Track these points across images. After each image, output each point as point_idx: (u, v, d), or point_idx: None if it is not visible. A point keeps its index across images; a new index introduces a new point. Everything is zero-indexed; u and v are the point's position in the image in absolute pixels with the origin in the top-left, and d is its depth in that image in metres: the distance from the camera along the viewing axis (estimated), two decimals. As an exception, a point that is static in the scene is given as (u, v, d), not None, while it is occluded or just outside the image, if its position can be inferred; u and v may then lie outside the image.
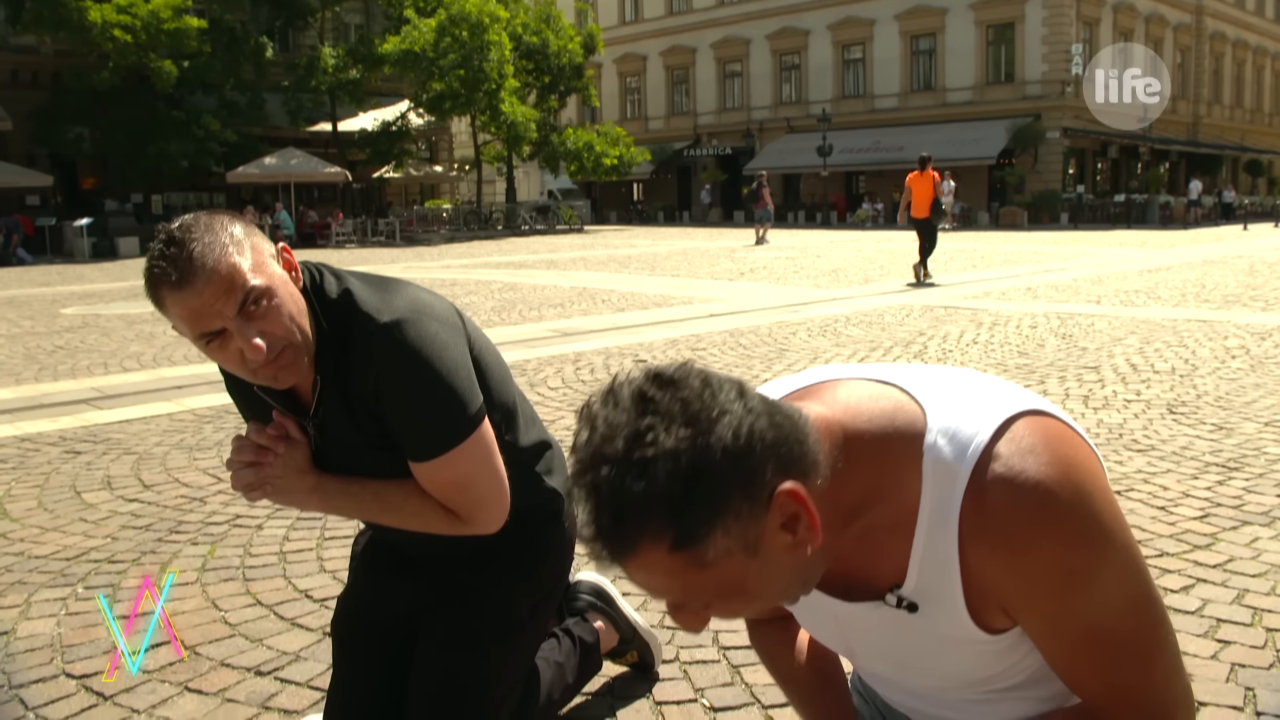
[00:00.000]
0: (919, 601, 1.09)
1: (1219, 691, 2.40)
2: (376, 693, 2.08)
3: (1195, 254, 19.10)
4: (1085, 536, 1.02)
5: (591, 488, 0.93)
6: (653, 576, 0.97)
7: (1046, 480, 1.02)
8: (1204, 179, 39.91)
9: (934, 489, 1.04)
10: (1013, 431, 1.05)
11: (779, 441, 0.96)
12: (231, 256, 1.64)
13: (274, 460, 1.82)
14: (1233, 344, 7.77)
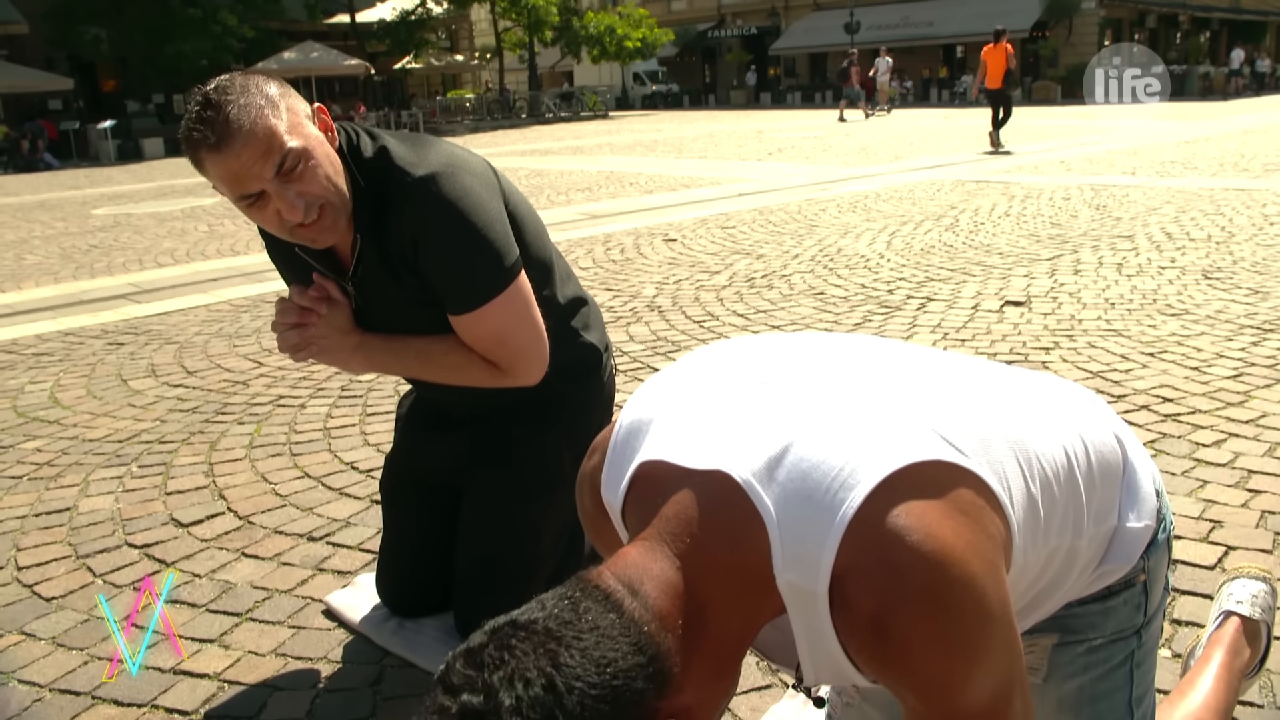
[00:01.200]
0: (823, 692, 1.04)
1: (1249, 536, 2.44)
2: (426, 546, 2.16)
3: (1235, 124, 18.59)
4: (964, 637, 0.93)
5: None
6: None
7: (906, 593, 0.90)
8: (1247, 48, 38.57)
9: (801, 613, 0.96)
10: (862, 523, 0.92)
11: (627, 704, 0.83)
12: (268, 119, 1.65)
13: (317, 321, 1.87)
14: (1271, 211, 7.63)
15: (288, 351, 1.90)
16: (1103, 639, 1.24)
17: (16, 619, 2.35)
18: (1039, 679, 1.25)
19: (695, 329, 4.82)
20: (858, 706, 1.47)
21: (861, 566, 0.91)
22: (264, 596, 2.39)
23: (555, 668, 0.80)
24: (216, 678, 2.06)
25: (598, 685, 0.81)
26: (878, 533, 0.91)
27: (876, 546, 0.91)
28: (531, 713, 0.77)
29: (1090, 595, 1.21)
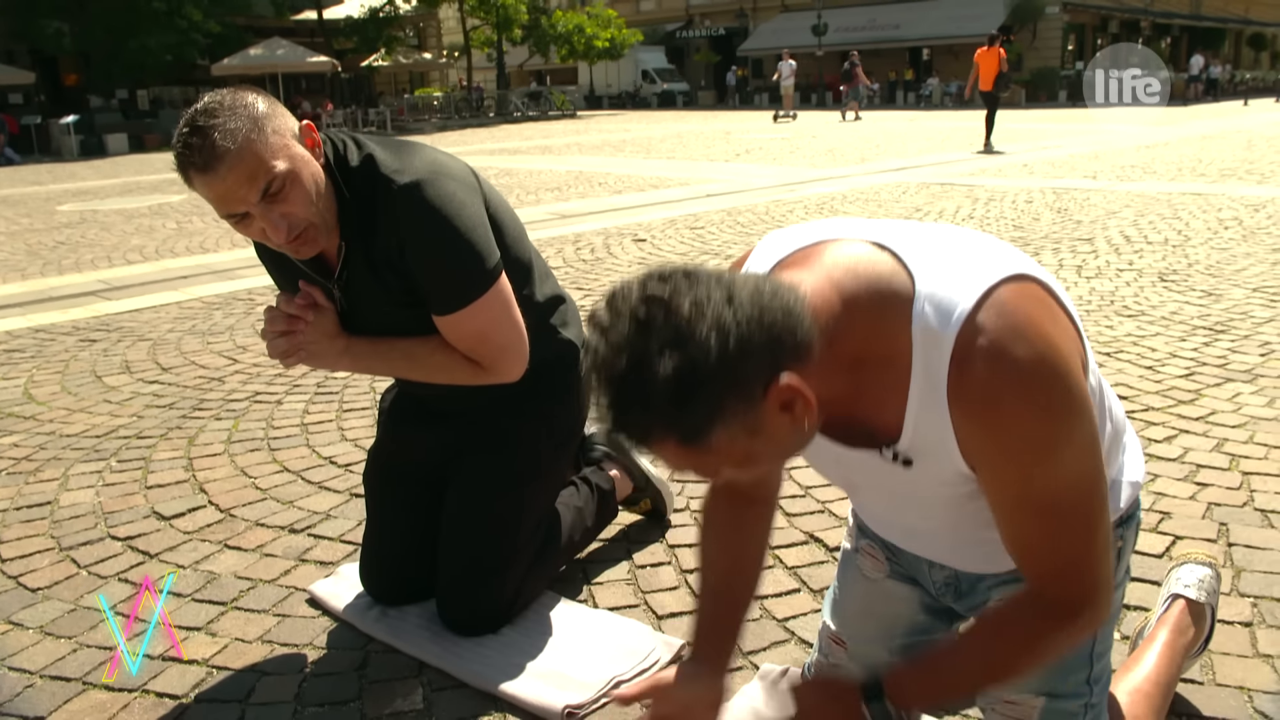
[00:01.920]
0: (914, 458, 1.17)
1: (1196, 527, 2.56)
2: (409, 536, 2.24)
3: (1194, 130, 18.95)
4: (1055, 410, 1.08)
5: (602, 396, 1.02)
6: (668, 459, 1.06)
7: (1023, 354, 1.07)
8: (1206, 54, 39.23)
9: (923, 354, 1.10)
10: (996, 300, 1.09)
11: (770, 341, 1.01)
12: (254, 145, 1.72)
13: (305, 327, 1.94)
14: (1226, 216, 7.84)
15: (278, 358, 1.97)
16: None
17: (3, 609, 2.39)
18: None
19: (666, 328, 4.90)
20: (845, 666, 1.57)
21: (986, 328, 1.08)
22: (248, 586, 2.45)
23: (729, 294, 1.01)
24: (205, 664, 2.12)
25: (756, 320, 1.01)
26: (1005, 313, 1.08)
27: (1002, 322, 1.08)
28: (703, 310, 0.99)
29: None
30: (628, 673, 1.96)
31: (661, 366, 0.98)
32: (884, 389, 1.14)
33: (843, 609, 1.63)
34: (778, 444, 1.09)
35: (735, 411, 1.02)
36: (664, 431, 1.02)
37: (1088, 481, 1.14)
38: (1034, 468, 1.10)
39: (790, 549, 2.51)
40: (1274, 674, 1.94)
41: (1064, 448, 1.10)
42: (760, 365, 1.01)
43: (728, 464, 1.08)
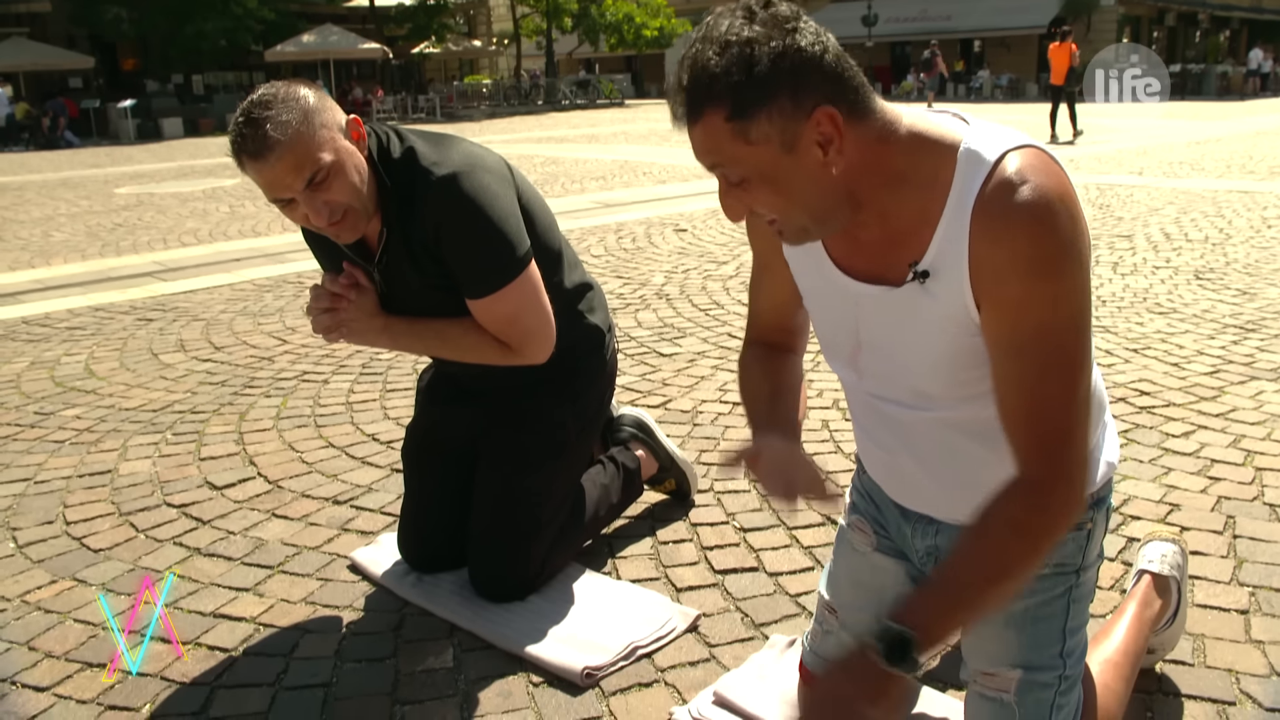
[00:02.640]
0: (931, 270, 1.31)
1: (1204, 519, 2.64)
2: (443, 507, 2.38)
3: (1247, 125, 18.67)
4: (1064, 238, 1.23)
5: (685, 57, 1.22)
6: (707, 139, 1.23)
7: (1046, 184, 1.23)
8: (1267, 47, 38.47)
9: (963, 175, 1.27)
10: (1036, 150, 1.27)
11: (837, 75, 1.22)
12: (303, 138, 1.87)
13: (347, 305, 2.09)
14: (1270, 214, 7.79)
15: (320, 333, 2.12)
16: (1049, 568, 1.49)
17: (69, 567, 2.57)
18: None
19: (701, 317, 5.02)
20: (836, 634, 1.68)
21: (1022, 163, 1.25)
22: (294, 552, 2.61)
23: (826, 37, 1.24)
24: (253, 621, 2.27)
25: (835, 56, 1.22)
26: (1041, 159, 1.26)
27: (1036, 162, 1.25)
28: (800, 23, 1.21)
29: None
30: (645, 639, 2.08)
31: (748, 31, 1.18)
32: (918, 207, 1.30)
33: (836, 580, 1.74)
34: (805, 180, 1.24)
35: (783, 109, 1.19)
36: (719, 100, 1.19)
37: (1079, 328, 1.28)
38: (1034, 285, 1.24)
39: (808, 529, 2.62)
40: (1264, 659, 2.02)
41: (1061, 278, 1.24)
42: (821, 84, 1.20)
43: (756, 169, 1.23)
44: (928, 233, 1.30)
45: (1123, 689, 1.68)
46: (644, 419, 2.71)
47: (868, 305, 1.41)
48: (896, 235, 1.34)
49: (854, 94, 1.24)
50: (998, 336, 1.29)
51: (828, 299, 1.47)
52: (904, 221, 1.32)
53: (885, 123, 1.28)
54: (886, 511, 1.68)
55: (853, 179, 1.27)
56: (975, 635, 1.55)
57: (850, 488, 1.79)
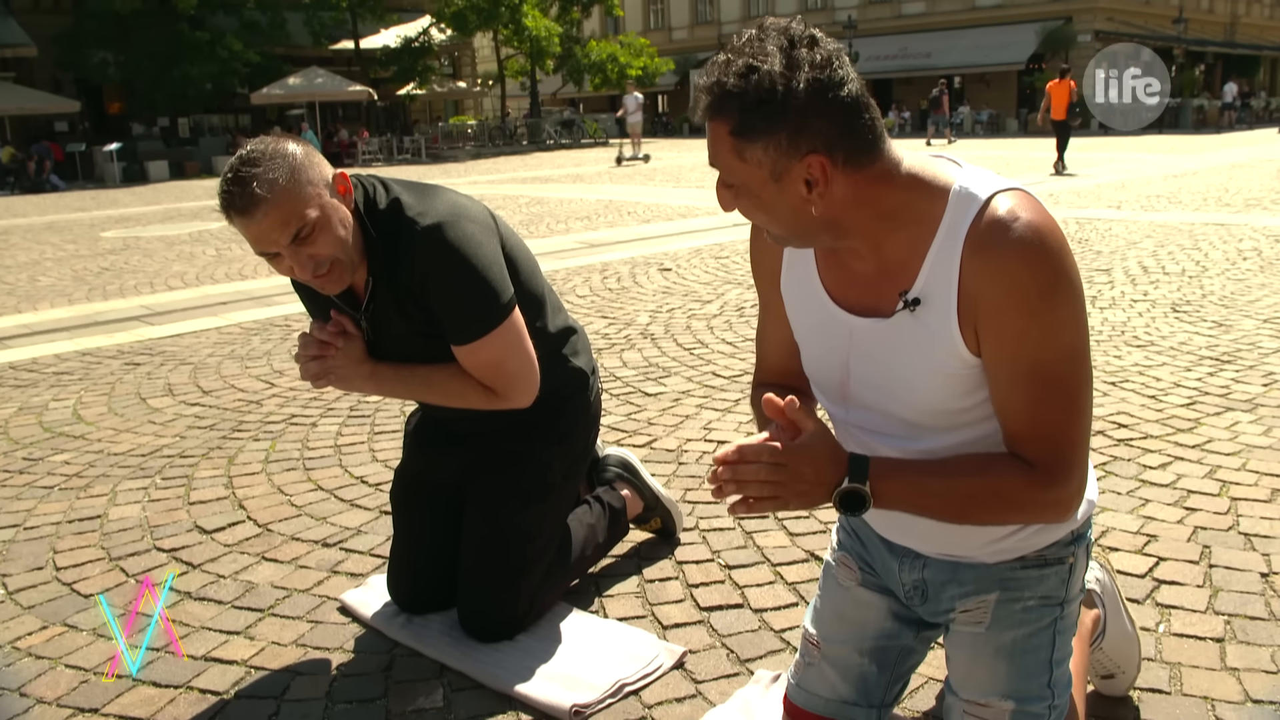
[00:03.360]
0: (921, 298, 1.38)
1: (1179, 549, 2.69)
2: (432, 549, 2.41)
3: (1224, 158, 18.97)
4: (1057, 272, 1.32)
5: (716, 61, 1.32)
6: (712, 141, 1.34)
7: (1038, 223, 1.32)
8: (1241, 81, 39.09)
9: (954, 211, 1.36)
10: (1018, 192, 1.36)
11: (846, 124, 1.31)
12: (288, 194, 1.93)
13: (335, 353, 2.13)
14: (1246, 246, 7.92)
15: (309, 380, 2.16)
16: (1035, 600, 1.56)
17: (59, 613, 2.59)
18: (983, 628, 1.57)
19: (686, 356, 5.07)
20: (817, 666, 1.72)
21: (1012, 201, 1.34)
22: (284, 595, 2.63)
23: (855, 84, 1.31)
24: (244, 664, 2.29)
25: (852, 108, 1.30)
26: (1030, 199, 1.35)
27: (1026, 201, 1.35)
28: (830, 66, 1.28)
29: (1030, 560, 1.55)
30: (632, 677, 2.11)
31: (770, 68, 1.27)
32: (910, 241, 1.39)
33: (820, 614, 1.78)
34: (786, 207, 1.35)
35: (778, 144, 1.29)
36: (728, 114, 1.30)
37: (1077, 357, 1.36)
38: (1029, 321, 1.32)
39: (792, 566, 2.66)
40: (1239, 686, 2.06)
41: (1057, 311, 1.32)
42: (823, 131, 1.29)
43: (744, 184, 1.35)
44: (918, 264, 1.38)
45: (1081, 704, 1.73)
46: (629, 459, 2.76)
47: (860, 336, 1.47)
48: (889, 268, 1.41)
49: (858, 141, 1.32)
50: (997, 367, 1.36)
51: (820, 330, 1.53)
52: (896, 254, 1.40)
53: (887, 164, 1.36)
54: (872, 547, 1.72)
55: (842, 214, 1.36)
56: (964, 666, 1.60)
57: (836, 525, 1.84)
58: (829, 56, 1.29)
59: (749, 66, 1.28)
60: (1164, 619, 2.34)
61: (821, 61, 1.28)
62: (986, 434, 1.45)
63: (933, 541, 1.60)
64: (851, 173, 1.33)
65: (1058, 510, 1.40)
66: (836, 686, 1.72)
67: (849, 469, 1.35)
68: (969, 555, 1.57)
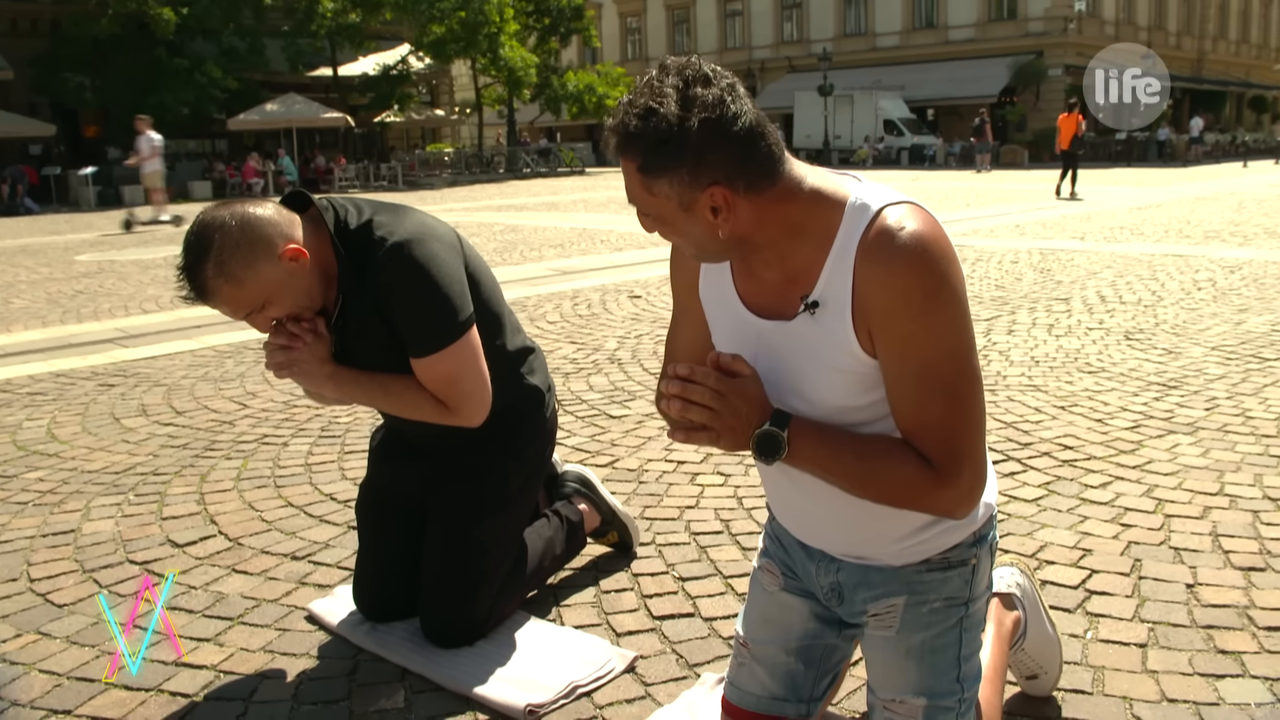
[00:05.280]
0: (820, 302, 1.51)
1: (1112, 562, 2.82)
2: (395, 560, 2.51)
3: (1188, 191, 19.34)
4: (941, 276, 1.44)
5: (620, 103, 1.43)
6: (626, 176, 1.47)
7: (923, 231, 1.45)
8: (1206, 116, 39.83)
9: (849, 223, 1.48)
10: (907, 205, 1.49)
11: (744, 154, 1.42)
12: (231, 285, 2.08)
13: (302, 347, 2.24)
14: (1201, 276, 8.13)
15: (273, 368, 2.27)
16: (940, 602, 1.67)
17: (33, 621, 2.67)
18: (893, 632, 1.68)
19: (650, 380, 5.19)
20: (749, 665, 1.83)
21: (902, 213, 1.47)
22: (253, 605, 2.72)
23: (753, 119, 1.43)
24: (214, 669, 2.38)
25: (744, 142, 1.41)
26: (919, 211, 1.48)
27: (915, 213, 1.47)
28: (723, 106, 1.39)
29: (934, 563, 1.66)
30: (585, 679, 2.22)
31: (666, 110, 1.38)
32: (811, 251, 1.51)
33: (749, 618, 1.89)
34: (698, 231, 1.48)
35: (682, 180, 1.42)
36: (634, 152, 1.42)
37: (960, 357, 1.48)
38: (914, 322, 1.44)
39: (742, 578, 2.78)
40: (1157, 687, 2.19)
41: (942, 312, 1.45)
42: (721, 164, 1.41)
43: (658, 214, 1.48)
44: (818, 270, 1.51)
45: (998, 700, 1.85)
46: (587, 475, 2.87)
47: (767, 338, 1.60)
48: (793, 275, 1.54)
49: (756, 169, 1.44)
50: (888, 367, 1.50)
51: (733, 333, 1.65)
52: (799, 262, 1.53)
53: (789, 183, 1.49)
54: (793, 553, 1.84)
55: (749, 232, 1.49)
56: (880, 668, 1.72)
57: (763, 534, 1.96)
58: (721, 94, 1.41)
59: (648, 109, 1.39)
60: (1092, 626, 2.47)
61: (714, 101, 1.39)
62: (883, 432, 1.58)
63: (841, 543, 1.71)
64: (753, 196, 1.46)
65: (950, 507, 1.52)
66: (767, 684, 1.83)
67: (772, 417, 1.48)
68: (875, 557, 1.69)
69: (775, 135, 1.47)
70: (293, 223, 2.15)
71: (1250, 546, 2.91)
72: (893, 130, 39.06)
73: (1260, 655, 2.32)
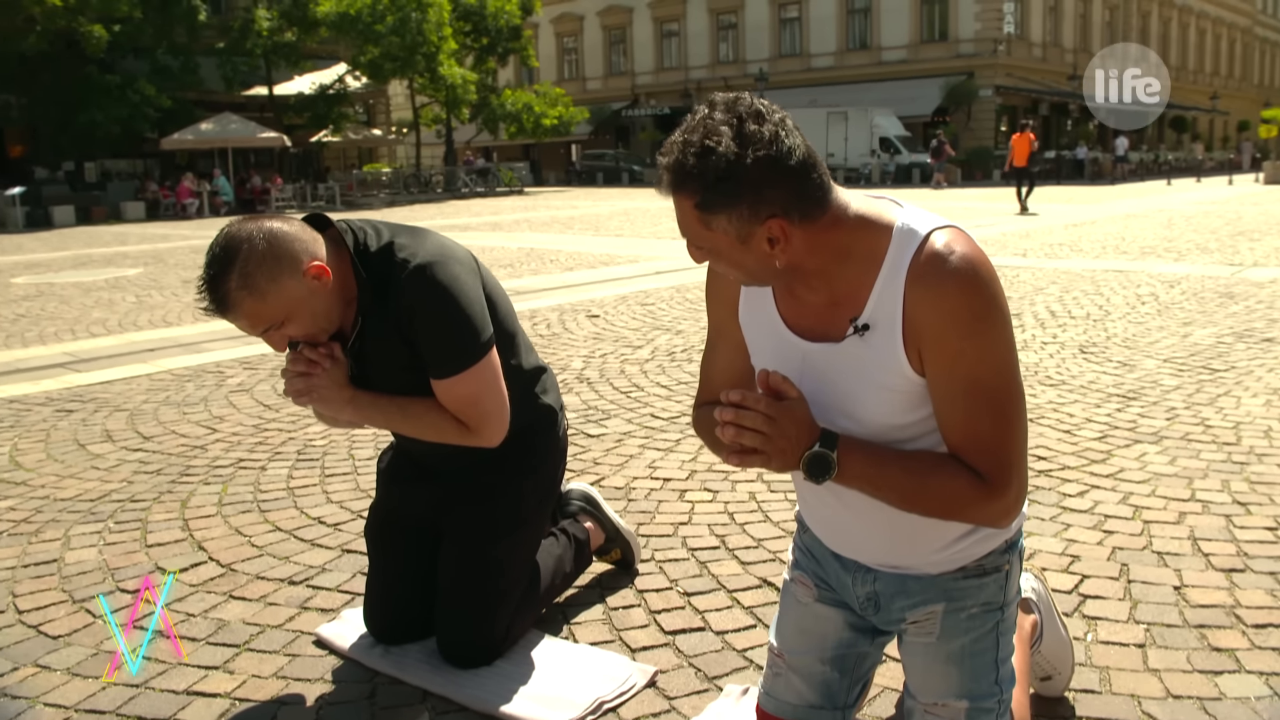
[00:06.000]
0: (871, 324, 1.55)
1: (1101, 567, 2.91)
2: (409, 582, 2.51)
3: (1118, 209, 19.89)
4: (990, 299, 1.51)
5: (673, 142, 1.47)
6: (679, 214, 1.51)
7: (970, 254, 1.51)
8: (1131, 135, 40.98)
9: (897, 246, 1.53)
10: (952, 229, 1.54)
11: (798, 186, 1.46)
12: (254, 299, 2.07)
13: (320, 373, 2.24)
14: (1144, 291, 8.39)
15: (292, 395, 2.26)
16: (977, 608, 1.73)
17: (29, 654, 2.61)
18: (933, 638, 1.73)
19: (623, 399, 5.22)
20: (784, 675, 1.87)
21: (948, 237, 1.52)
22: (257, 631, 2.70)
23: (803, 150, 1.47)
24: (228, 696, 2.36)
25: (799, 176, 1.46)
26: (964, 236, 1.54)
27: (961, 237, 1.53)
28: (778, 141, 1.43)
29: (970, 570, 1.72)
30: (610, 695, 2.24)
31: (725, 149, 1.41)
32: (858, 274, 1.56)
33: (783, 629, 1.93)
34: (753, 262, 1.52)
35: (741, 215, 1.45)
36: (691, 191, 1.45)
37: (1008, 374, 1.55)
38: (964, 342, 1.50)
39: (747, 591, 2.82)
40: (1161, 684, 2.27)
41: (990, 332, 1.51)
42: (778, 199, 1.45)
43: (713, 247, 1.52)
44: (866, 293, 1.56)
45: (1027, 700, 1.91)
46: (590, 493, 2.89)
47: (812, 359, 1.64)
48: (839, 298, 1.59)
49: (809, 199, 1.49)
50: (938, 384, 1.55)
51: (776, 355, 1.69)
52: (846, 286, 1.58)
53: (836, 211, 1.54)
54: (826, 565, 1.88)
55: (801, 260, 1.54)
56: (920, 673, 1.76)
57: (792, 545, 2.00)
58: (776, 129, 1.45)
59: (705, 147, 1.42)
60: (1090, 629, 2.55)
61: (770, 137, 1.44)
62: (927, 448, 1.63)
63: (879, 554, 1.77)
64: (807, 226, 1.51)
65: (998, 517, 1.58)
66: (803, 693, 1.88)
67: (820, 437, 1.52)
68: (913, 567, 1.75)
69: (823, 165, 1.52)
70: (317, 241, 2.16)
71: (1228, 549, 3.02)
72: (888, 148, 37.89)
73: (1253, 652, 2.42)
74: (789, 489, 3.67)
